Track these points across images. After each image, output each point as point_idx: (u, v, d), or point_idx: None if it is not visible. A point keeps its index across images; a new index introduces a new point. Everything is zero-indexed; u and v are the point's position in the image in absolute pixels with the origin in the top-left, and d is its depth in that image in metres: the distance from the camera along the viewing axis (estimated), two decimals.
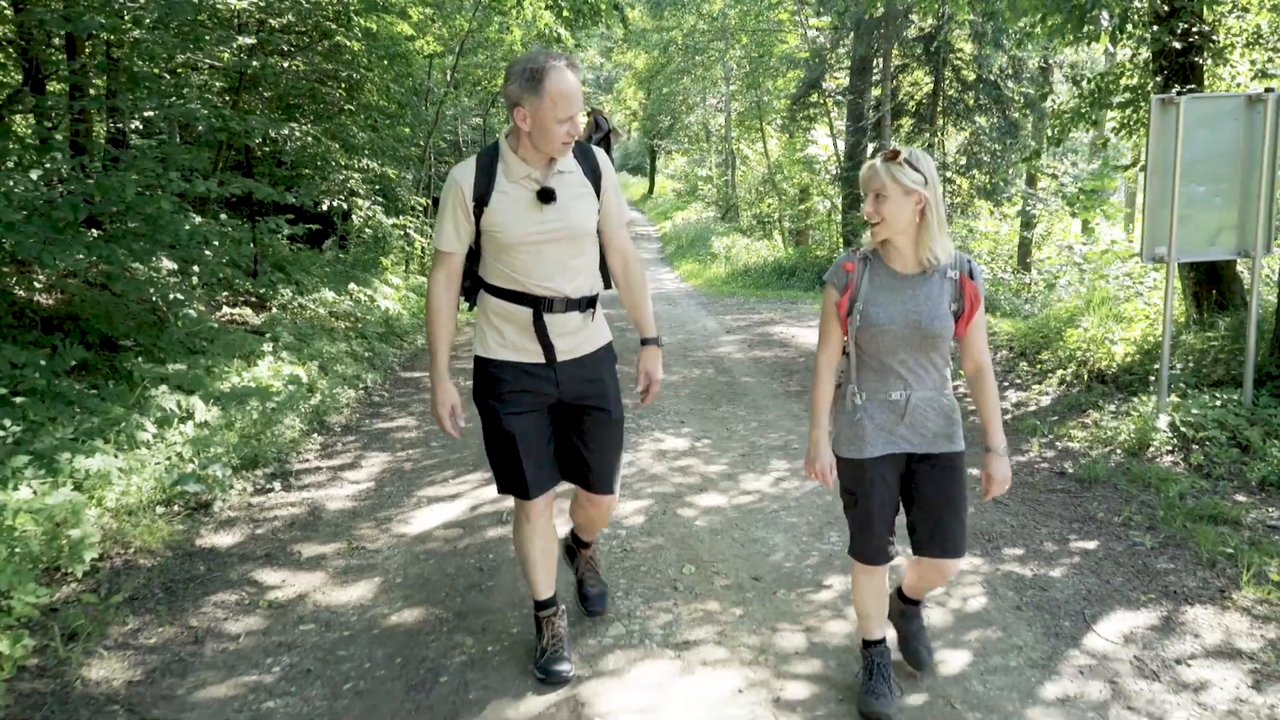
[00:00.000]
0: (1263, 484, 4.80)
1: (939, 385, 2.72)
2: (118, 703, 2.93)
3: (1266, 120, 5.57)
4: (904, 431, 2.72)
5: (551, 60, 2.65)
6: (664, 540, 4.24)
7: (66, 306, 6.73)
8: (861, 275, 2.70)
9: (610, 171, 2.95)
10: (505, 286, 2.85)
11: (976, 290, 2.66)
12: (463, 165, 2.84)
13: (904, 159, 2.55)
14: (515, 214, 2.77)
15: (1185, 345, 7.10)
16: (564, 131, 2.67)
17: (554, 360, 2.88)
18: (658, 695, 2.96)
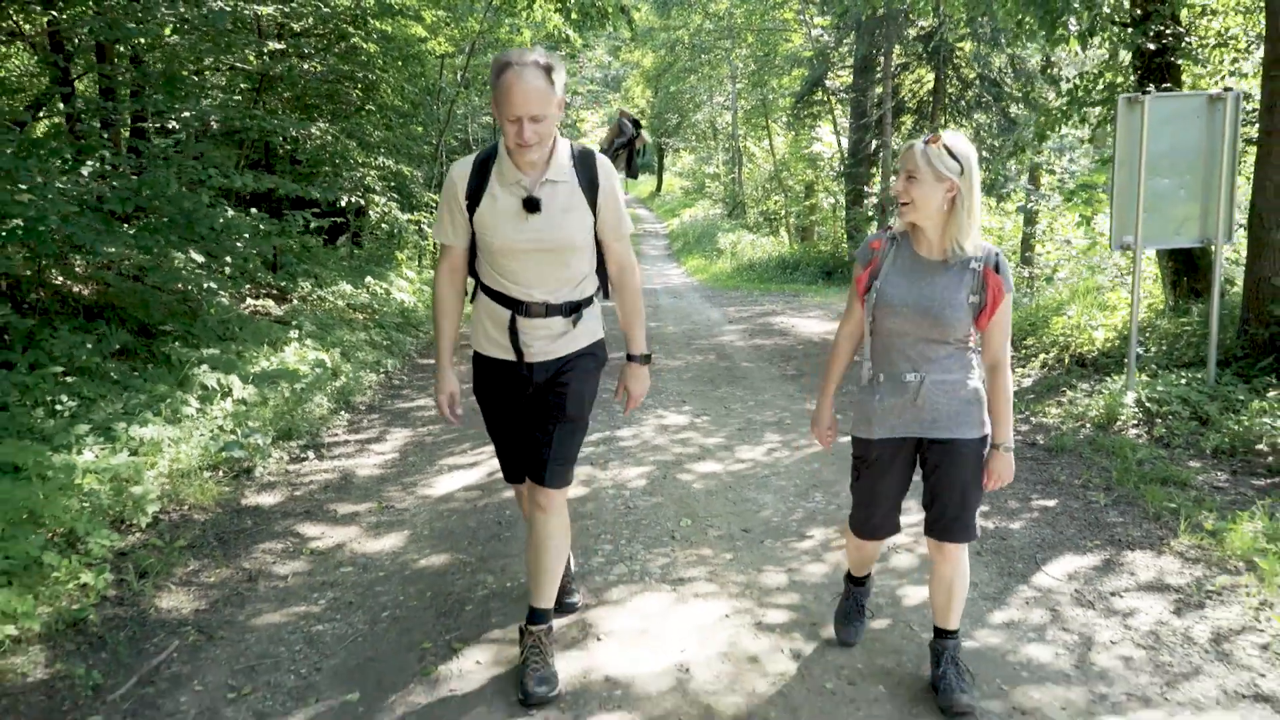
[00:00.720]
0: (1216, 451, 5.24)
1: (958, 370, 2.70)
2: (188, 625, 3.42)
3: (1226, 118, 6.01)
4: (915, 414, 2.72)
5: (520, 57, 2.57)
6: (664, 499, 4.71)
7: (103, 296, 7.23)
8: (887, 254, 2.73)
9: (611, 182, 2.87)
10: (491, 286, 2.88)
11: (1000, 284, 2.63)
12: (462, 162, 2.83)
13: (944, 144, 2.54)
14: (501, 219, 2.75)
15: (1160, 330, 7.55)
16: (513, 132, 2.59)
17: (523, 360, 2.90)
18: (655, 620, 3.43)
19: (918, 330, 2.66)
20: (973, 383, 2.71)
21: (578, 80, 28.68)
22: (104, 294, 7.29)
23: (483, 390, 3.04)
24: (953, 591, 2.85)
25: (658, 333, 9.99)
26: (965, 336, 2.68)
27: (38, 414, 4.85)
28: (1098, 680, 3.00)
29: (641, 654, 3.18)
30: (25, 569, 3.46)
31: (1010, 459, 2.77)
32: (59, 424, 4.76)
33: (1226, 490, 4.68)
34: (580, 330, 2.94)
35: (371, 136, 11.76)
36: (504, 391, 2.98)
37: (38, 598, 3.34)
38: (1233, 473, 4.97)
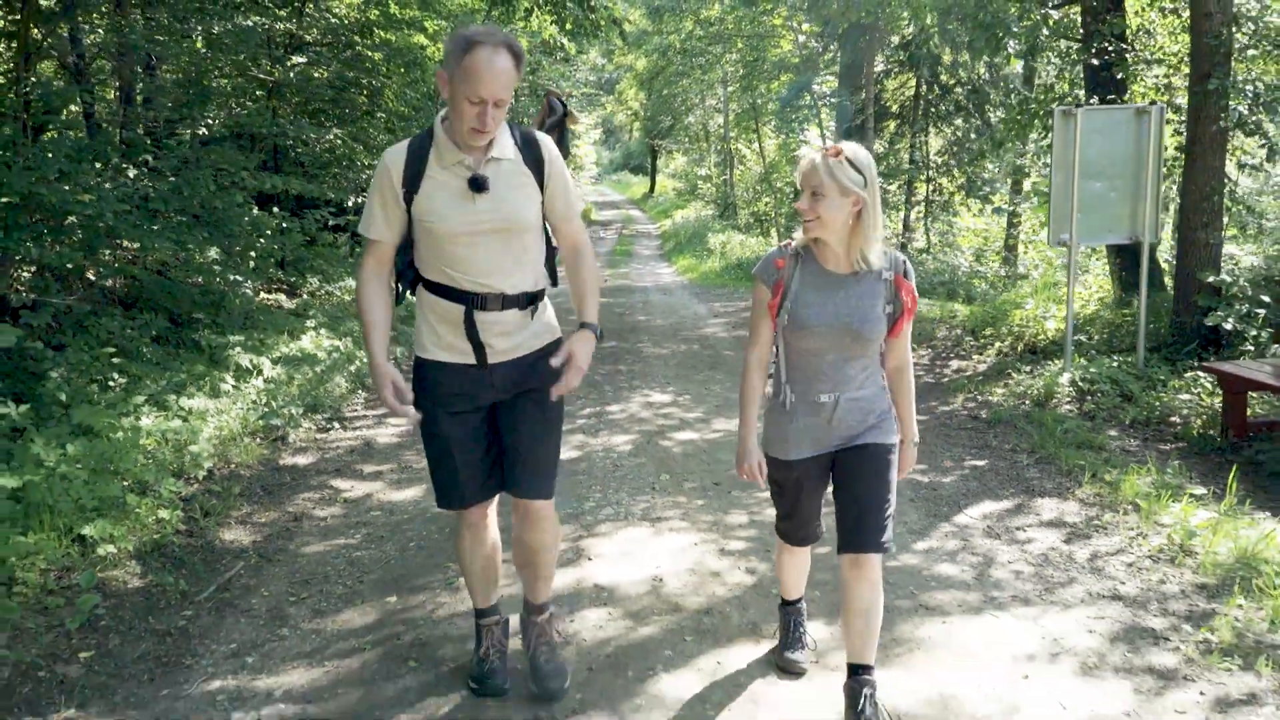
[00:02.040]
0: (1133, 423, 6.02)
1: (870, 386, 2.71)
2: (249, 551, 4.17)
3: (1152, 128, 6.80)
4: (830, 434, 2.72)
5: (490, 36, 2.46)
6: (646, 459, 5.47)
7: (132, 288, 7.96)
8: (793, 272, 2.66)
9: (556, 160, 2.76)
10: (438, 281, 2.70)
11: (913, 291, 2.67)
12: (394, 148, 2.68)
13: (845, 157, 2.50)
14: (446, 203, 2.61)
15: (1103, 319, 8.35)
16: (473, 115, 2.48)
17: (486, 362, 2.74)
18: (636, 546, 4.19)
19: (836, 348, 2.64)
20: (884, 399, 2.74)
21: (572, 84, 29.47)
22: (132, 286, 8.03)
23: (431, 401, 2.77)
24: (868, 617, 2.73)
25: (646, 326, 10.76)
26: (877, 348, 2.70)
27: (93, 389, 5.58)
28: (991, 588, 3.77)
29: (624, 569, 3.94)
30: (112, 506, 4.20)
31: (915, 450, 2.89)
32: (116, 395, 5.50)
33: (1135, 453, 5.45)
34: (539, 325, 2.81)
35: (376, 140, 12.51)
36: (460, 400, 2.76)
37: (126, 528, 4.08)
38: (1144, 440, 5.75)
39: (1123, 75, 7.94)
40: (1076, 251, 7.17)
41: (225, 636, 3.40)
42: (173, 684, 3.07)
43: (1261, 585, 3.59)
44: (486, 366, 2.74)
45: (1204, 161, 7.07)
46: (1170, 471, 4.91)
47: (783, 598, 3.21)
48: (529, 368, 2.79)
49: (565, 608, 3.56)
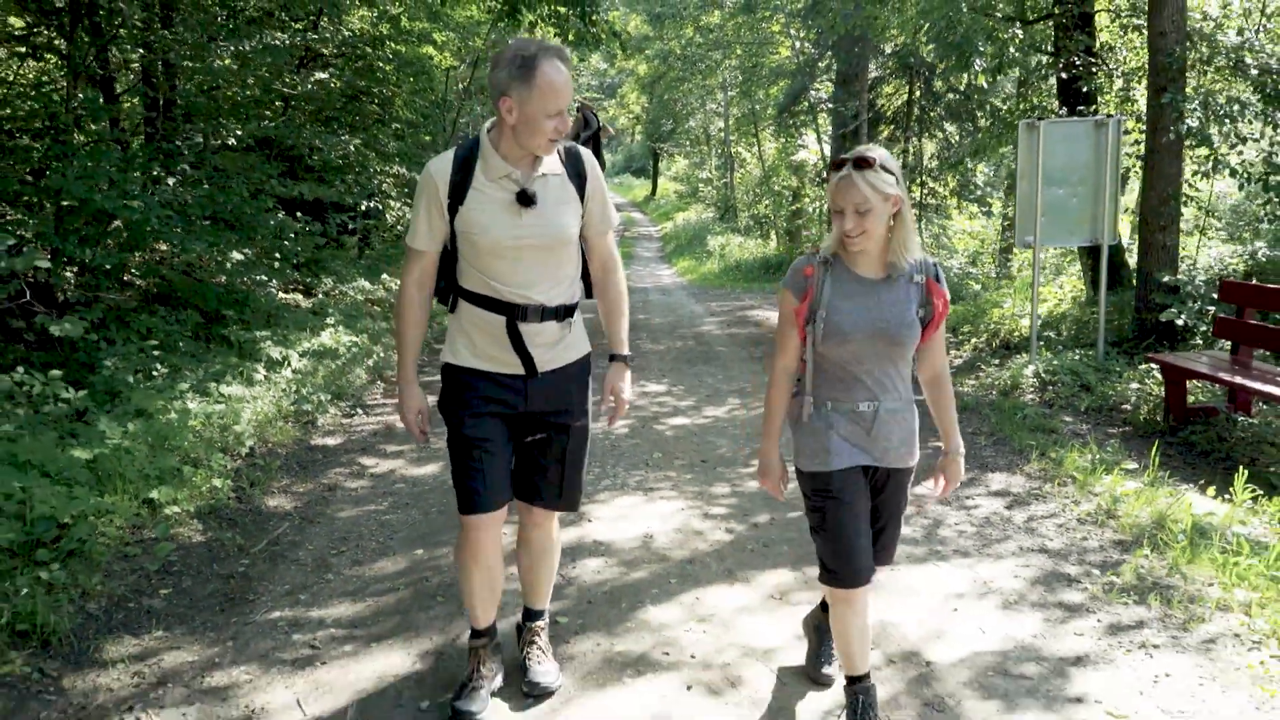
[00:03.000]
0: (1088, 410, 6.64)
1: (904, 396, 2.67)
2: (292, 514, 4.80)
3: (1110, 139, 7.42)
4: (869, 444, 2.66)
5: (544, 49, 2.54)
6: (641, 441, 6.10)
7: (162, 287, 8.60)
8: (823, 280, 2.60)
9: (597, 174, 2.84)
10: (479, 292, 2.74)
11: (944, 295, 2.63)
12: (440, 159, 2.71)
13: (880, 164, 2.45)
14: (492, 216, 2.65)
15: (1072, 317, 8.97)
16: (552, 127, 2.57)
17: (536, 372, 2.80)
18: (630, 510, 4.82)
19: (874, 354, 2.59)
20: (913, 414, 2.72)
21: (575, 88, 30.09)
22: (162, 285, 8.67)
23: (462, 407, 2.81)
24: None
25: (645, 324, 11.38)
26: (911, 354, 2.67)
27: (139, 378, 6.22)
28: (937, 544, 4.39)
29: (619, 528, 4.57)
30: (171, 476, 4.83)
31: (962, 462, 2.86)
32: (163, 383, 6.13)
33: (1084, 436, 6.07)
34: (573, 338, 2.87)
35: (388, 147, 13.15)
36: (492, 406, 2.80)
37: (186, 494, 4.71)
38: (1095, 424, 6.37)
39: (1088, 89, 8.56)
40: (1040, 253, 7.77)
41: (279, 580, 4.03)
42: (240, 614, 3.70)
43: (1166, 540, 4.21)
44: (536, 375, 2.80)
45: (1161, 169, 7.69)
46: (1110, 449, 5.53)
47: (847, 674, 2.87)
48: (559, 392, 2.85)
49: (568, 559, 4.18)
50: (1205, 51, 7.78)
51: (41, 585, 3.54)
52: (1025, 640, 3.46)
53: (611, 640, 3.47)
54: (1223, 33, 7.77)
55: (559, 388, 2.86)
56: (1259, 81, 7.32)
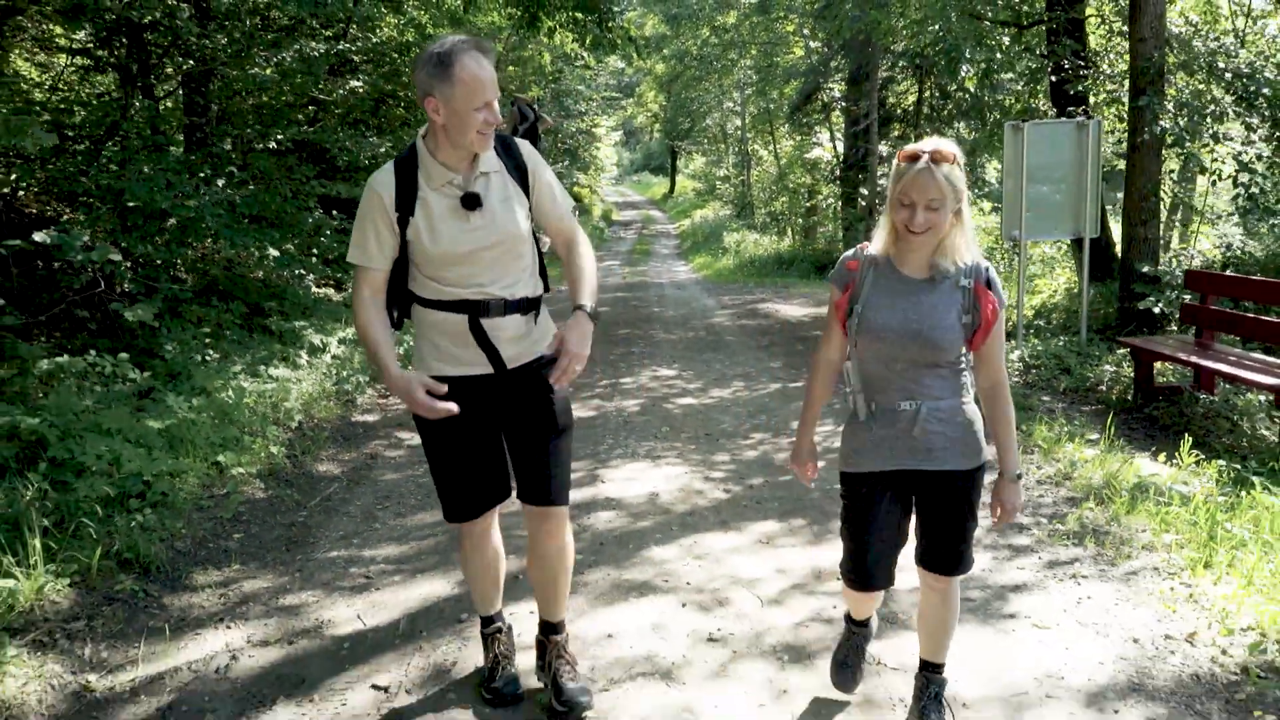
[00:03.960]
0: (1065, 390, 7.21)
1: (952, 395, 2.58)
2: (340, 477, 5.47)
3: (1089, 139, 7.98)
4: (910, 445, 2.57)
5: (460, 44, 2.52)
6: (652, 417, 6.73)
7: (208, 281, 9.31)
8: (865, 275, 2.58)
9: (539, 163, 2.81)
10: (436, 298, 2.71)
11: (995, 302, 2.52)
12: (381, 173, 2.68)
13: (957, 159, 2.42)
14: (440, 224, 2.63)
15: (1062, 306, 9.53)
16: (480, 120, 2.52)
17: (504, 368, 2.76)
18: (639, 474, 5.45)
19: (907, 355, 2.53)
20: (969, 407, 2.61)
21: (592, 87, 30.80)
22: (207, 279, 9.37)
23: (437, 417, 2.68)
24: (944, 625, 2.80)
25: (659, 315, 12.01)
26: (958, 359, 2.56)
27: (195, 361, 6.91)
28: None
29: (629, 488, 5.20)
30: (233, 444, 5.50)
31: (1018, 489, 2.68)
32: (218, 366, 6.82)
33: (1056, 414, 6.65)
34: (540, 332, 2.85)
35: None
36: (468, 411, 2.73)
37: (248, 459, 5.38)
38: (1071, 402, 6.94)
39: (1074, 91, 9.13)
40: (1039, 248, 8.35)
41: (334, 527, 4.69)
42: (303, 553, 4.37)
43: (1111, 495, 4.80)
44: (506, 371, 2.76)
45: (1142, 168, 8.25)
46: (1077, 423, 6.11)
47: (850, 615, 3.02)
48: (536, 379, 2.79)
49: (582, 512, 4.82)
50: (1184, 56, 8.32)
51: (138, 526, 4.21)
52: (974, 573, 4.04)
53: (619, 572, 4.11)
54: (1200, 39, 8.29)
55: (532, 383, 2.80)
56: (1232, 85, 7.86)
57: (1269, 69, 7.91)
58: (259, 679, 3.26)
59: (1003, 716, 3.00)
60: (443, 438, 2.82)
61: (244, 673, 3.30)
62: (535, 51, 16.53)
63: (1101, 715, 2.99)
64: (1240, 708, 3.00)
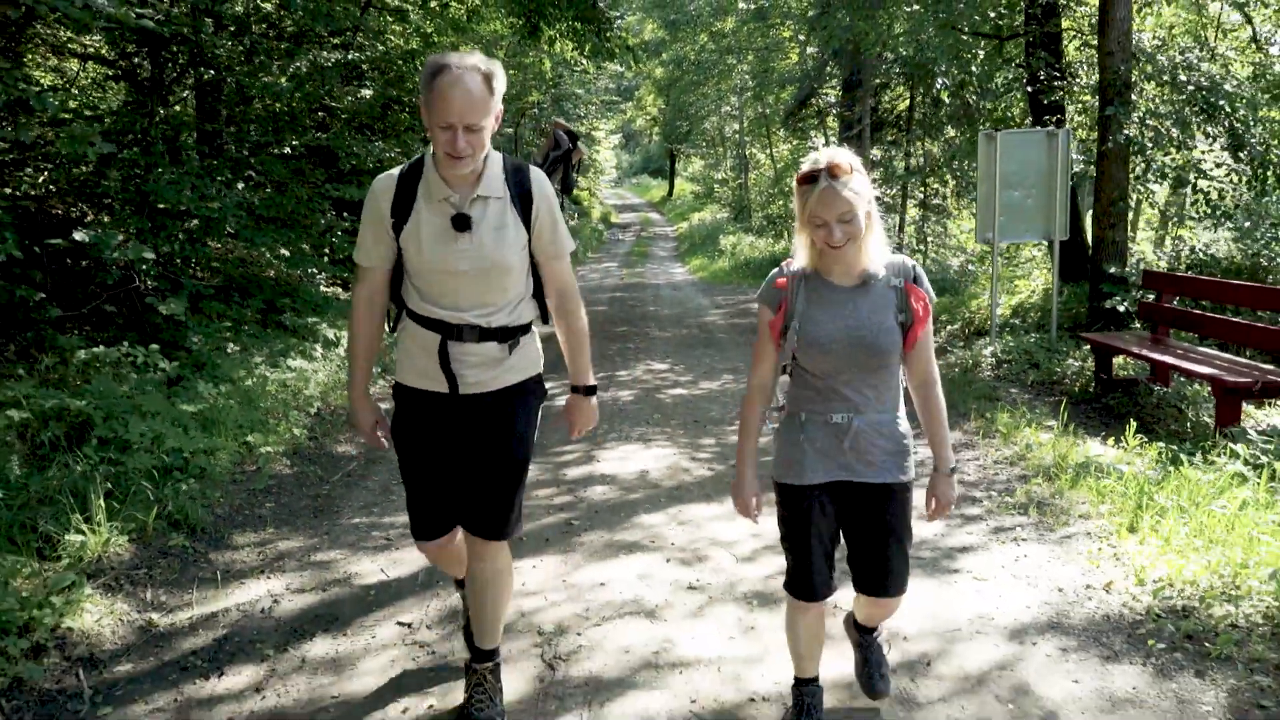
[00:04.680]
0: (1032, 383, 7.76)
1: (888, 408, 2.60)
2: (357, 456, 6.01)
3: (1060, 147, 8.53)
4: (846, 458, 2.58)
5: (459, 60, 2.50)
6: (645, 406, 7.28)
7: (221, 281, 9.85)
8: (797, 291, 2.57)
9: (545, 196, 2.75)
10: (418, 311, 2.73)
11: (925, 297, 2.54)
12: (385, 176, 2.72)
13: (853, 168, 2.42)
14: (428, 239, 2.63)
15: (1038, 306, 10.07)
16: (445, 140, 2.48)
17: (457, 392, 2.74)
18: (631, 453, 5.99)
19: (851, 365, 2.53)
20: (902, 423, 2.65)
21: (591, 91, 31.37)
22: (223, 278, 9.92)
23: (406, 429, 2.86)
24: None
25: (655, 314, 12.56)
26: (896, 362, 2.59)
27: (218, 352, 7.45)
28: None
29: (622, 466, 5.74)
30: (260, 426, 6.04)
31: (952, 483, 2.70)
32: (240, 357, 7.35)
33: (1019, 404, 7.19)
34: (517, 360, 2.80)
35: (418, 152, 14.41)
36: (430, 430, 2.81)
37: (274, 439, 5.92)
38: (1036, 394, 7.49)
39: (1047, 101, 9.68)
40: (1022, 250, 8.89)
41: (355, 498, 5.23)
42: (329, 519, 4.90)
43: (1057, 473, 5.33)
44: (458, 396, 2.74)
45: (1109, 174, 8.79)
46: (1039, 411, 6.65)
47: (795, 675, 2.92)
48: (500, 406, 2.78)
49: (579, 487, 5.36)
50: (1150, 69, 8.86)
51: (183, 494, 4.75)
52: (927, 537, 4.59)
53: (611, 534, 4.65)
54: (1164, 53, 8.84)
55: (497, 410, 2.78)
56: (1193, 97, 8.41)
57: (1228, 82, 8.45)
58: (298, 617, 3.80)
59: (937, 647, 3.53)
60: (411, 450, 2.86)
61: (285, 613, 3.84)
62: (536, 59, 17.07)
63: (1021, 646, 3.53)
64: (1139, 640, 3.54)
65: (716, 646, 3.54)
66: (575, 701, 3.17)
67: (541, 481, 5.44)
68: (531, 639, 3.60)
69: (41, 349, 6.83)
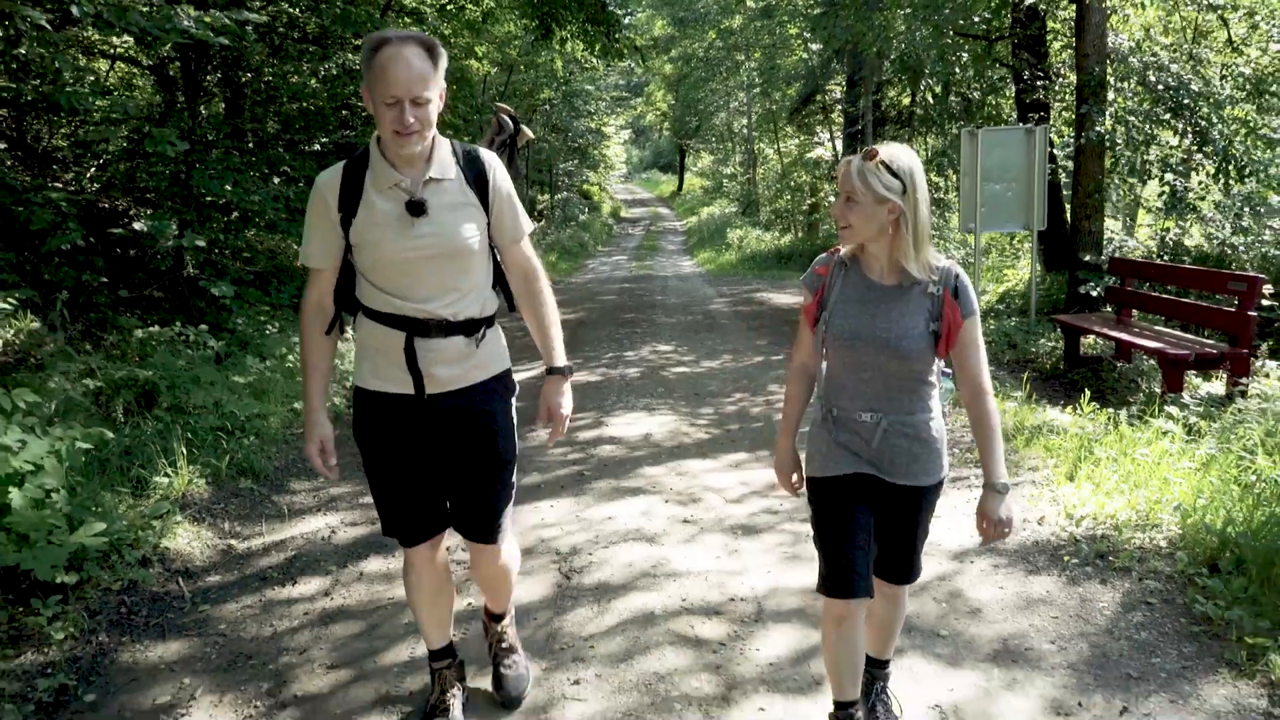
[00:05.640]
0: (1009, 361, 8.47)
1: (920, 410, 2.56)
2: None
3: (1037, 143, 9.22)
4: (871, 455, 2.56)
5: (391, 36, 2.44)
6: (650, 381, 8.02)
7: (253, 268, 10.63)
8: (835, 281, 2.58)
9: (500, 178, 2.71)
10: (379, 308, 2.65)
11: (958, 310, 2.47)
12: (328, 172, 2.63)
13: (881, 161, 2.39)
14: (383, 228, 2.56)
15: (1022, 293, 10.77)
16: (392, 116, 2.43)
17: (424, 392, 2.68)
18: (637, 421, 6.73)
19: (875, 363, 2.51)
20: (935, 423, 2.59)
21: (601, 88, 32.11)
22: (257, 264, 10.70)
23: (370, 433, 2.78)
24: (889, 627, 2.88)
25: (662, 303, 13.29)
26: (926, 369, 2.54)
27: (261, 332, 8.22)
28: None
29: (628, 430, 6.49)
30: (287, 402, 6.79)
31: (1005, 502, 2.56)
32: (281, 336, 8.12)
33: (998, 378, 7.89)
34: (485, 354, 2.75)
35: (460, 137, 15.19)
36: (399, 433, 2.73)
37: None
38: (1011, 371, 8.19)
39: (1029, 100, 10.38)
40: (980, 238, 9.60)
41: None
42: None
43: (1014, 434, 6.05)
44: (425, 397, 2.68)
45: (1086, 169, 9.48)
46: (1009, 385, 7.36)
47: (834, 698, 2.78)
48: (476, 405, 2.74)
49: (590, 446, 6.10)
50: (1123, 70, 9.55)
51: (247, 448, 5.51)
52: None
53: (618, 481, 5.39)
54: (1136, 55, 9.52)
55: (469, 409, 2.74)
56: (1162, 96, 9.10)
57: (1195, 82, 9.14)
58: (354, 543, 4.56)
59: None
60: (376, 455, 2.79)
61: (342, 540, 4.60)
62: (548, 58, 17.82)
63: (960, 564, 4.26)
64: (1058, 559, 4.26)
65: (705, 563, 4.28)
66: (587, 600, 3.92)
67: (556, 443, 6.17)
68: (550, 558, 4.35)
69: (103, 328, 7.62)
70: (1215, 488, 4.53)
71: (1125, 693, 3.21)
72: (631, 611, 3.82)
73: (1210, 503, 4.38)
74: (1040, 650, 3.50)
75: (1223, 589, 3.79)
